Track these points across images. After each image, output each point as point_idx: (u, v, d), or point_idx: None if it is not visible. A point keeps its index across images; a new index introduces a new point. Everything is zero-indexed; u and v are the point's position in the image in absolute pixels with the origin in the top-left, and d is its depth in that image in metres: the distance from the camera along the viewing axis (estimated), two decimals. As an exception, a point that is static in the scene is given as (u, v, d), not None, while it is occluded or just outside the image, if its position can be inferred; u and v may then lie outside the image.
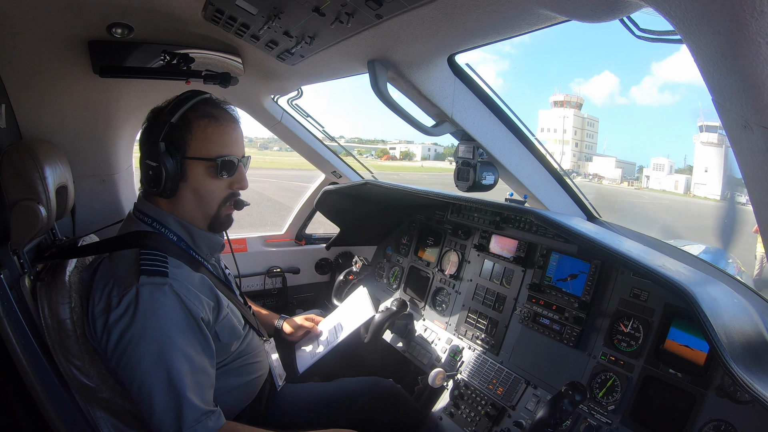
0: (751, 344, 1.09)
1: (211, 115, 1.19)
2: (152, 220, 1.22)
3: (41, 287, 1.22)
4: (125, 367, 1.04)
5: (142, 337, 1.03)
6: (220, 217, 1.26)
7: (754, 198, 0.69)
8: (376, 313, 2.01)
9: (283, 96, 2.31)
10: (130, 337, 1.03)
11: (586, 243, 1.31)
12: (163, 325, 1.06)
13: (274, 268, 2.79)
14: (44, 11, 1.26)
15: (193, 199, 1.21)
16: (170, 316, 1.07)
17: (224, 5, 1.21)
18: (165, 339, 1.05)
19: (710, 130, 50.62)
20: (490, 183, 1.71)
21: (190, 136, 1.17)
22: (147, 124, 1.21)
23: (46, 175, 1.29)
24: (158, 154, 1.13)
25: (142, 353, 1.03)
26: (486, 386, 1.74)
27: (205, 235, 1.27)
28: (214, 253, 1.34)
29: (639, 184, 59.54)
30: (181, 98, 1.19)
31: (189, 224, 1.24)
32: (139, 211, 1.24)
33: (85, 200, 1.91)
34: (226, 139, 1.21)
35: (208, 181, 1.19)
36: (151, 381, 1.03)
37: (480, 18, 1.02)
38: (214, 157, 1.18)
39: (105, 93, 1.79)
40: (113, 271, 1.11)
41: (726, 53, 0.56)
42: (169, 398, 1.03)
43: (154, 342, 1.04)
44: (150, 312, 1.05)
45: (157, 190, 1.16)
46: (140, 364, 1.03)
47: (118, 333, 1.04)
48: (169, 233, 1.21)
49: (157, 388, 1.03)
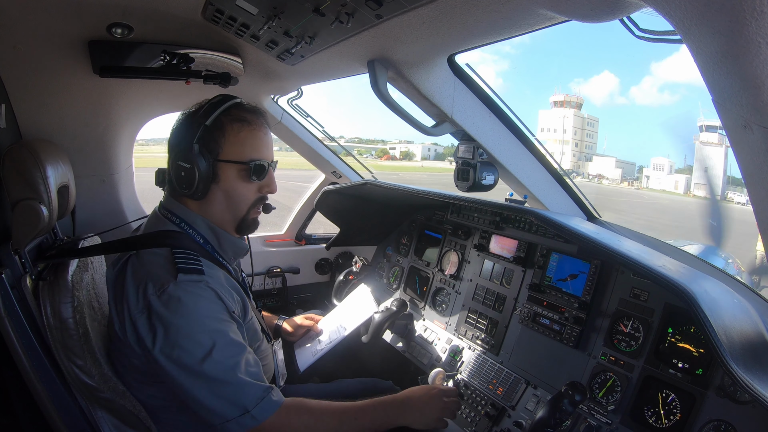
0: (751, 344, 1.09)
1: (244, 119, 1.20)
2: (180, 221, 1.21)
3: (44, 286, 1.22)
4: (174, 363, 1.03)
5: (190, 330, 1.04)
6: (247, 220, 1.27)
7: (754, 198, 0.69)
8: (377, 309, 2.01)
9: (283, 96, 2.31)
10: (177, 331, 1.03)
11: (586, 243, 1.31)
12: (207, 316, 1.07)
13: (274, 268, 2.79)
14: (44, 11, 1.26)
15: (224, 201, 1.22)
16: (212, 307, 1.09)
17: (224, 5, 1.21)
18: (212, 329, 1.06)
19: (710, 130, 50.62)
20: (490, 183, 1.71)
21: (224, 139, 1.17)
22: (178, 127, 1.21)
23: (48, 174, 1.29)
24: (192, 156, 1.14)
25: (193, 347, 1.03)
26: (486, 386, 1.74)
27: (232, 240, 1.28)
28: (237, 257, 1.35)
29: (639, 184, 59.52)
30: (214, 102, 1.19)
31: (217, 227, 1.24)
32: (166, 210, 1.23)
33: (84, 200, 1.91)
34: (258, 143, 1.22)
35: (239, 183, 1.21)
36: (206, 372, 1.03)
37: (480, 18, 1.02)
38: (246, 161, 1.19)
39: (105, 93, 1.79)
40: (147, 270, 1.10)
41: (726, 53, 0.56)
42: (228, 384, 1.04)
43: (202, 333, 1.04)
44: (193, 305, 1.05)
45: (188, 191, 1.16)
46: (192, 358, 1.03)
47: (164, 329, 1.03)
48: (196, 235, 1.21)
49: (214, 378, 1.03)
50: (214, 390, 1.04)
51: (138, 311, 1.05)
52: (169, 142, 1.23)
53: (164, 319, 1.03)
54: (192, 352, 1.03)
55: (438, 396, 1.38)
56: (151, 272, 1.09)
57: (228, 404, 1.04)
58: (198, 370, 1.03)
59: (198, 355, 1.03)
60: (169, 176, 1.21)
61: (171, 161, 1.19)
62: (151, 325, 1.04)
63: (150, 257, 1.13)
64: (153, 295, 1.05)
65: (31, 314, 1.19)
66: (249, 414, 1.05)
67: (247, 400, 1.05)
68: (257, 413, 1.05)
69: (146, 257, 1.13)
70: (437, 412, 1.35)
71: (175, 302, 1.04)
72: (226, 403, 1.04)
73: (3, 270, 1.17)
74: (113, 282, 1.14)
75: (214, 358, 1.03)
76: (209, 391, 1.03)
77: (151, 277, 1.07)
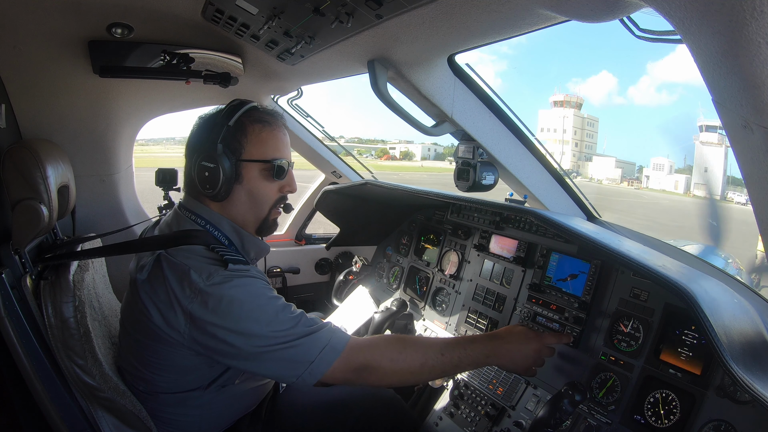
0: (751, 344, 1.09)
1: (264, 120, 1.23)
2: (205, 222, 1.22)
3: (45, 286, 1.22)
4: (244, 333, 1.05)
5: (252, 307, 1.06)
6: (268, 221, 1.29)
7: (754, 198, 0.69)
8: (377, 310, 2.00)
9: (283, 96, 2.31)
10: (240, 304, 1.05)
11: (586, 243, 1.31)
12: (263, 292, 1.10)
13: (274, 268, 2.79)
14: (44, 11, 1.26)
15: (247, 201, 1.23)
16: (263, 284, 1.13)
17: (224, 5, 1.21)
18: (270, 299, 1.10)
19: (710, 130, 50.62)
20: (490, 183, 1.71)
21: (246, 140, 1.19)
22: (198, 128, 1.22)
23: (48, 174, 1.29)
24: (216, 156, 1.15)
25: (258, 318, 1.06)
26: (486, 386, 1.74)
27: (255, 241, 1.29)
28: (258, 258, 1.36)
29: (639, 184, 59.52)
30: (234, 105, 1.20)
31: (240, 228, 1.25)
32: (188, 210, 1.23)
33: (85, 200, 1.91)
34: (279, 143, 1.25)
35: (262, 183, 1.23)
36: (276, 339, 1.06)
37: (480, 18, 1.02)
38: (269, 159, 1.22)
39: (105, 93, 1.79)
40: (186, 263, 1.08)
41: (726, 53, 0.56)
42: (298, 340, 1.07)
43: (264, 306, 1.08)
44: (247, 283, 1.08)
45: (212, 191, 1.17)
46: (258, 328, 1.06)
47: (226, 304, 1.04)
48: (221, 236, 1.22)
49: (285, 343, 1.06)
50: (288, 352, 1.07)
51: (188, 300, 1.05)
52: (188, 145, 1.23)
53: (224, 297, 1.04)
54: (259, 321, 1.06)
55: (536, 339, 1.34)
56: (194, 265, 1.08)
57: (303, 355, 1.08)
58: (269, 339, 1.06)
59: (264, 324, 1.06)
60: (190, 177, 1.21)
61: (193, 162, 1.18)
62: (208, 306, 1.04)
63: (186, 253, 1.12)
64: (202, 281, 1.05)
65: (31, 314, 1.19)
66: (324, 350, 1.09)
67: (321, 342, 1.09)
68: (334, 343, 1.10)
69: (181, 253, 1.12)
70: (531, 357, 1.32)
71: (229, 281, 1.06)
72: (302, 353, 1.08)
73: (3, 270, 1.17)
74: (146, 282, 1.11)
75: (278, 322, 1.07)
76: (282, 356, 1.06)
77: (196, 269, 1.07)
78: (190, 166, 1.20)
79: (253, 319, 1.06)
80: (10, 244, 1.23)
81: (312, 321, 1.13)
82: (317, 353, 1.09)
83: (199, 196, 1.23)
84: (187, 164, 1.22)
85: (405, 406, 1.73)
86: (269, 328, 1.06)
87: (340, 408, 1.51)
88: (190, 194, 1.25)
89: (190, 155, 1.21)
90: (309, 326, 1.11)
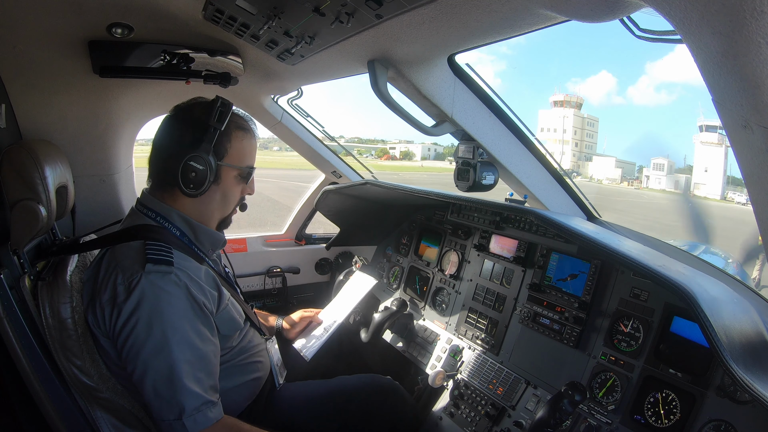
0: (751, 344, 1.09)
1: (243, 128, 1.30)
2: (156, 215, 1.24)
3: (42, 287, 1.22)
4: (129, 351, 1.07)
5: (147, 324, 1.06)
6: (229, 218, 1.38)
7: (754, 198, 0.69)
8: (376, 281, 2.04)
9: (283, 96, 2.31)
10: (135, 323, 1.06)
11: (586, 243, 1.31)
12: (167, 312, 1.08)
13: (274, 268, 2.79)
14: (44, 11, 1.26)
15: (219, 201, 1.29)
16: (175, 303, 1.10)
17: (224, 5, 1.21)
18: (169, 326, 1.07)
19: (710, 130, 50.64)
20: (490, 183, 1.71)
21: (229, 145, 1.26)
22: (183, 125, 1.23)
23: (46, 175, 1.28)
24: (205, 158, 1.19)
25: (146, 339, 1.06)
26: (486, 386, 1.74)
27: (209, 232, 1.31)
28: (215, 249, 1.38)
29: (639, 183, 59.52)
30: (218, 106, 1.18)
31: (193, 220, 1.27)
32: (143, 206, 1.27)
33: (84, 200, 1.91)
34: (253, 151, 1.35)
35: (234, 185, 1.30)
36: (153, 367, 1.06)
37: (480, 18, 1.02)
38: (245, 166, 1.30)
39: (105, 93, 1.79)
40: (117, 262, 1.13)
41: (726, 53, 0.55)
42: (170, 385, 1.06)
43: (158, 328, 1.06)
44: (156, 299, 1.08)
45: (195, 191, 1.20)
46: (144, 350, 1.06)
47: (124, 319, 1.07)
48: (173, 228, 1.25)
49: (159, 375, 1.06)
50: (157, 387, 1.06)
51: (106, 300, 1.10)
52: (170, 139, 1.24)
53: (126, 309, 1.06)
54: (143, 345, 1.06)
55: None
56: (121, 263, 1.12)
57: (166, 404, 1.06)
58: (145, 365, 1.06)
59: (149, 350, 1.06)
60: (164, 172, 1.23)
61: (177, 159, 1.16)
62: (113, 314, 1.08)
63: (123, 250, 1.15)
64: (120, 284, 1.08)
65: (29, 314, 1.19)
66: (181, 421, 1.05)
67: (184, 406, 1.05)
68: (189, 424, 1.06)
69: (119, 251, 1.16)
70: None
71: (138, 294, 1.07)
72: (165, 402, 1.06)
73: (2, 270, 1.17)
74: (90, 280, 1.18)
75: (162, 356, 1.06)
76: (152, 387, 1.06)
77: (121, 268, 1.11)
78: (170, 161, 1.18)
79: (142, 343, 1.06)
80: (9, 244, 1.23)
81: (198, 379, 1.09)
82: (187, 413, 1.05)
83: (156, 191, 1.27)
84: (162, 158, 1.24)
85: (404, 393, 1.74)
86: (150, 359, 1.06)
87: (339, 397, 1.53)
88: (151, 189, 1.29)
89: (172, 150, 1.20)
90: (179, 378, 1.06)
